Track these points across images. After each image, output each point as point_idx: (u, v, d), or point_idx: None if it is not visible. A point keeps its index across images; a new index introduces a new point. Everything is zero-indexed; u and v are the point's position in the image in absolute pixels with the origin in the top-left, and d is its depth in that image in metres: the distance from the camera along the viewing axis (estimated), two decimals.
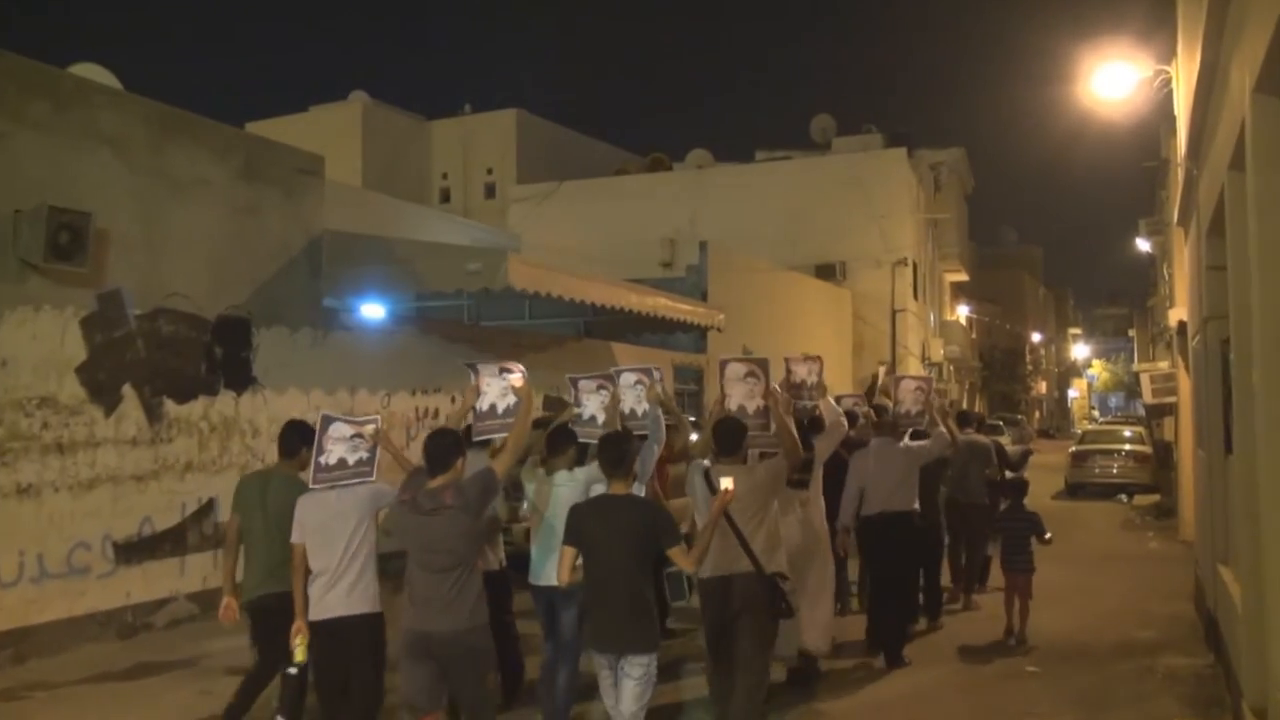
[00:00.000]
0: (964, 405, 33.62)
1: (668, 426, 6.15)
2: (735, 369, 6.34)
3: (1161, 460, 20.35)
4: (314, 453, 5.14)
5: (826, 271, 28.89)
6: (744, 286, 21.75)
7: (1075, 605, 10.04)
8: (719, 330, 15.97)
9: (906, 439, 8.12)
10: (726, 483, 5.00)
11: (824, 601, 7.28)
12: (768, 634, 5.66)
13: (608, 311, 14.91)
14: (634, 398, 6.20)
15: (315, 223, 10.55)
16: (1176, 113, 10.24)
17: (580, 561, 4.83)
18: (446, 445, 4.79)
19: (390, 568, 5.26)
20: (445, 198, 40.22)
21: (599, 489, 5.28)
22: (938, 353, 35.49)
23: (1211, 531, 7.84)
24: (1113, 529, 16.68)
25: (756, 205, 29.61)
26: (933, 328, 36.03)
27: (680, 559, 4.75)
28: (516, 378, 5.81)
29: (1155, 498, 19.81)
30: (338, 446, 5.13)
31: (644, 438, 5.84)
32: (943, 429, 8.12)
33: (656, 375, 6.21)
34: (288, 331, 10.17)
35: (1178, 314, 13.73)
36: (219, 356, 9.44)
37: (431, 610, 4.65)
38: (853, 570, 9.08)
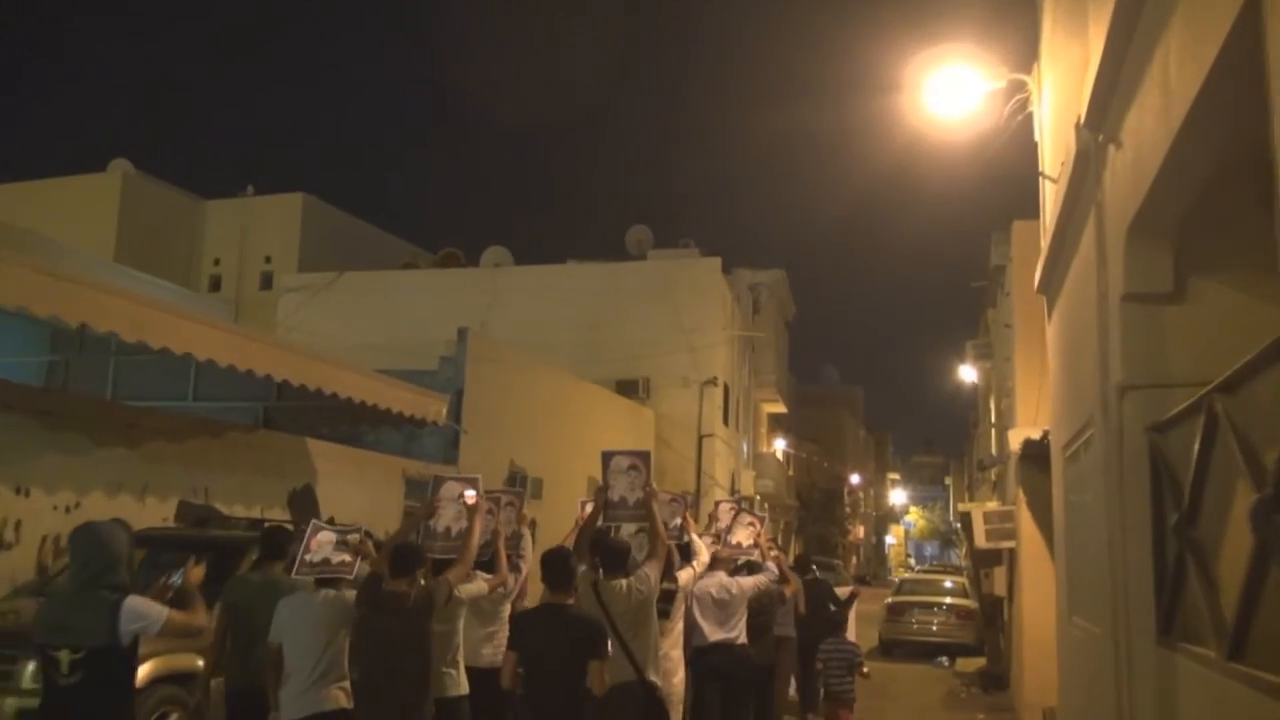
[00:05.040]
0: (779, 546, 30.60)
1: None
2: (619, 461, 6.71)
3: (988, 618, 17.47)
4: (300, 551, 5.63)
5: (629, 387, 25.88)
6: (517, 390, 18.34)
7: None
8: (436, 423, 12.21)
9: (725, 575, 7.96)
10: None
11: None
12: None
13: (300, 395, 11.17)
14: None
15: None
16: (1038, 137, 7.44)
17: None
18: (411, 554, 5.53)
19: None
20: (215, 285, 35.56)
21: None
22: (749, 486, 32.54)
23: None
24: (935, 705, 13.48)
25: (557, 311, 26.68)
26: (745, 459, 33.18)
27: (594, 673, 5.03)
28: (471, 495, 6.29)
29: (980, 662, 16.94)
30: (323, 548, 5.64)
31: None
32: (772, 565, 8.25)
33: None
34: None
35: (1022, 435, 10.78)
36: None
37: (387, 703, 5.21)
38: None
